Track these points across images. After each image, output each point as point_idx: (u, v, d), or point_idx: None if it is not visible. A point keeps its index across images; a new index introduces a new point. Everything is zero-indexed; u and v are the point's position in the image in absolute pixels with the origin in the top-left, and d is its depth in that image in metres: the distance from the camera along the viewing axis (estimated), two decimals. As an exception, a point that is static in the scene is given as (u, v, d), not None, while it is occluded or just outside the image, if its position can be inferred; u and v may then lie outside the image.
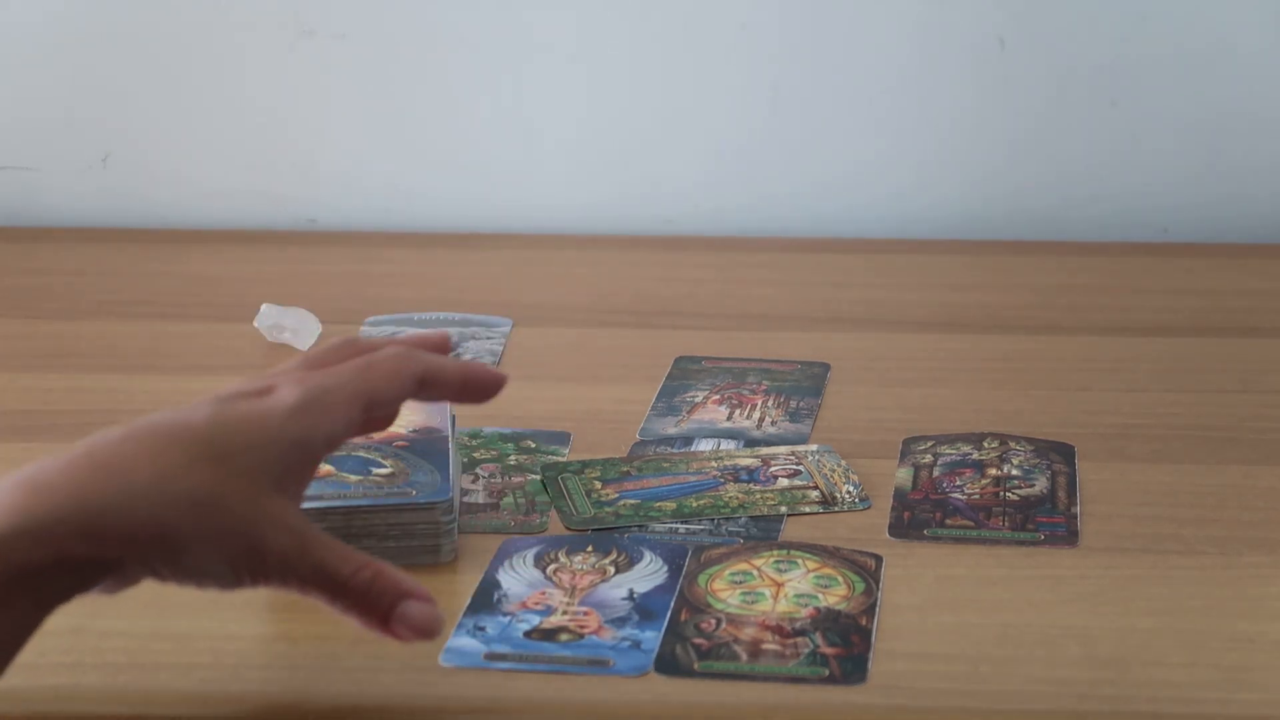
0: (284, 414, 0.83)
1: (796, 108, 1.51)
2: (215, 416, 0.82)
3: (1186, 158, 1.50)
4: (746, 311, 1.36)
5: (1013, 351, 1.28)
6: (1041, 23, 1.48)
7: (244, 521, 0.80)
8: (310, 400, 0.84)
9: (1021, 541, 1.03)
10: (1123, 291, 1.39)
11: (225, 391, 0.85)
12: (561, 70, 1.52)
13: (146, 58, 1.53)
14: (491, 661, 0.92)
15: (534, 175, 1.54)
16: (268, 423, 0.83)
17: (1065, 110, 1.50)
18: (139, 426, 0.82)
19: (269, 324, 1.29)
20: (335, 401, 0.84)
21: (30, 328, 1.34)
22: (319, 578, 0.81)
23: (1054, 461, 1.11)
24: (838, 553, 1.01)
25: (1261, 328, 1.32)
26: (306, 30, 1.51)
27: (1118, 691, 0.89)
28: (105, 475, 0.79)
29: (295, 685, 0.90)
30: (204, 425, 0.82)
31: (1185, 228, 1.51)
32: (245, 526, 0.80)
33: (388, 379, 0.86)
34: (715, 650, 0.92)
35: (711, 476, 1.10)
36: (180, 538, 0.79)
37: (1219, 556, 1.01)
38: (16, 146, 1.56)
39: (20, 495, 0.78)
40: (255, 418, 0.83)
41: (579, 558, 1.01)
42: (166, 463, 0.80)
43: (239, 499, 0.80)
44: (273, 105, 1.54)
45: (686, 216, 1.53)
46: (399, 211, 1.54)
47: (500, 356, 1.28)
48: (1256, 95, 1.48)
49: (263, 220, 1.54)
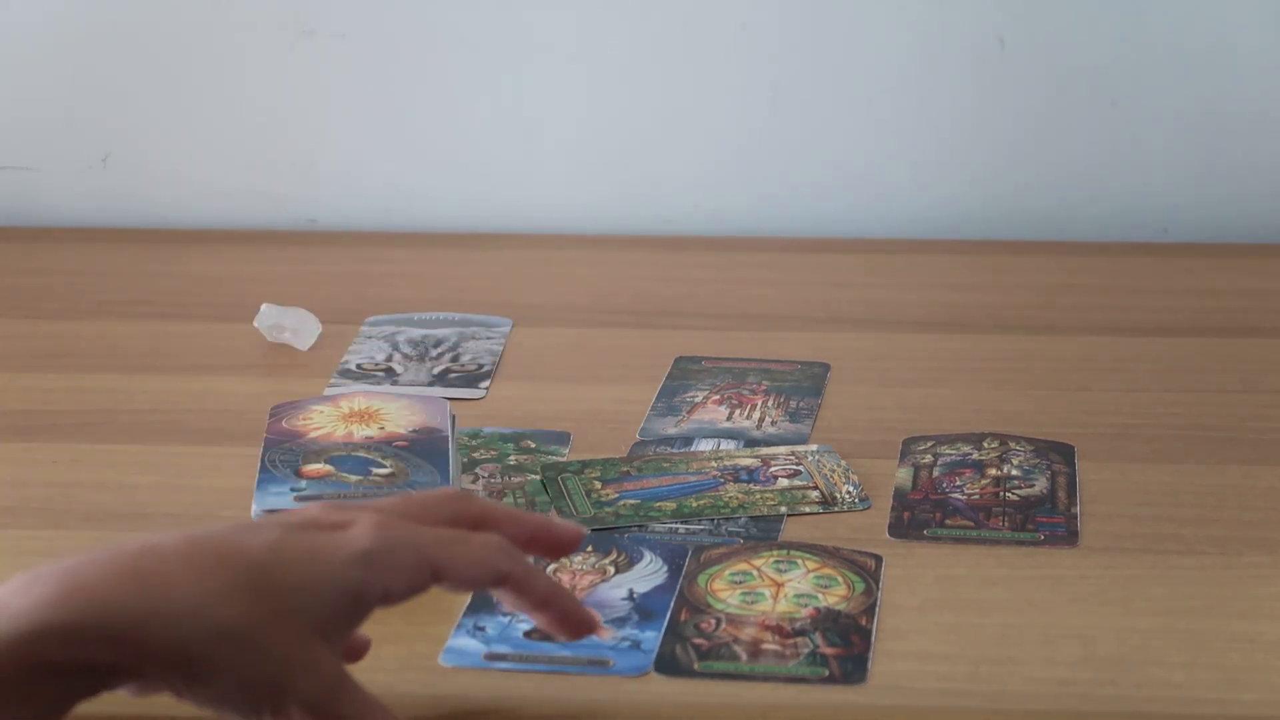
0: (347, 559, 0.79)
1: (796, 108, 1.51)
2: (275, 545, 0.79)
3: (1186, 158, 1.50)
4: (746, 311, 1.36)
5: (1013, 351, 1.28)
6: (1041, 23, 1.48)
7: (274, 661, 0.78)
8: (380, 552, 0.80)
9: (1021, 541, 1.03)
10: (1123, 291, 1.39)
11: (299, 517, 0.82)
12: (561, 70, 1.52)
13: (146, 58, 1.53)
14: (491, 661, 0.92)
15: (534, 175, 1.54)
16: (328, 563, 0.79)
17: (1065, 110, 1.50)
18: (196, 539, 0.79)
19: (269, 324, 1.29)
20: (405, 563, 0.80)
21: (30, 328, 1.34)
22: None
23: (1054, 461, 1.11)
24: (838, 553, 1.01)
25: (1261, 328, 1.31)
26: (306, 30, 1.51)
27: (1118, 691, 0.89)
28: (144, 588, 0.77)
29: (295, 685, 0.90)
30: (260, 553, 0.79)
31: (1185, 228, 1.51)
32: (274, 666, 0.78)
33: (469, 565, 0.81)
34: (715, 650, 0.92)
35: (711, 476, 1.10)
36: (206, 666, 0.77)
37: (1219, 556, 1.01)
38: (16, 146, 1.56)
39: (58, 590, 0.76)
40: (317, 554, 0.79)
41: (579, 558, 1.01)
42: (209, 587, 0.77)
43: (276, 639, 0.78)
44: (273, 105, 1.54)
45: (686, 216, 1.53)
46: (399, 211, 1.54)
47: (500, 356, 1.28)
48: (1256, 95, 1.48)
49: (263, 220, 1.54)
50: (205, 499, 1.08)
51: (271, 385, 1.23)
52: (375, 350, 1.29)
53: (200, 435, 1.17)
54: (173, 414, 1.20)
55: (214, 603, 0.77)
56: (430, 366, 1.26)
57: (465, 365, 1.27)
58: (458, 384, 1.24)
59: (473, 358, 1.28)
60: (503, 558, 0.82)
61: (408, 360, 1.27)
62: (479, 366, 1.27)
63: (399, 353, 1.28)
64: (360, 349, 1.29)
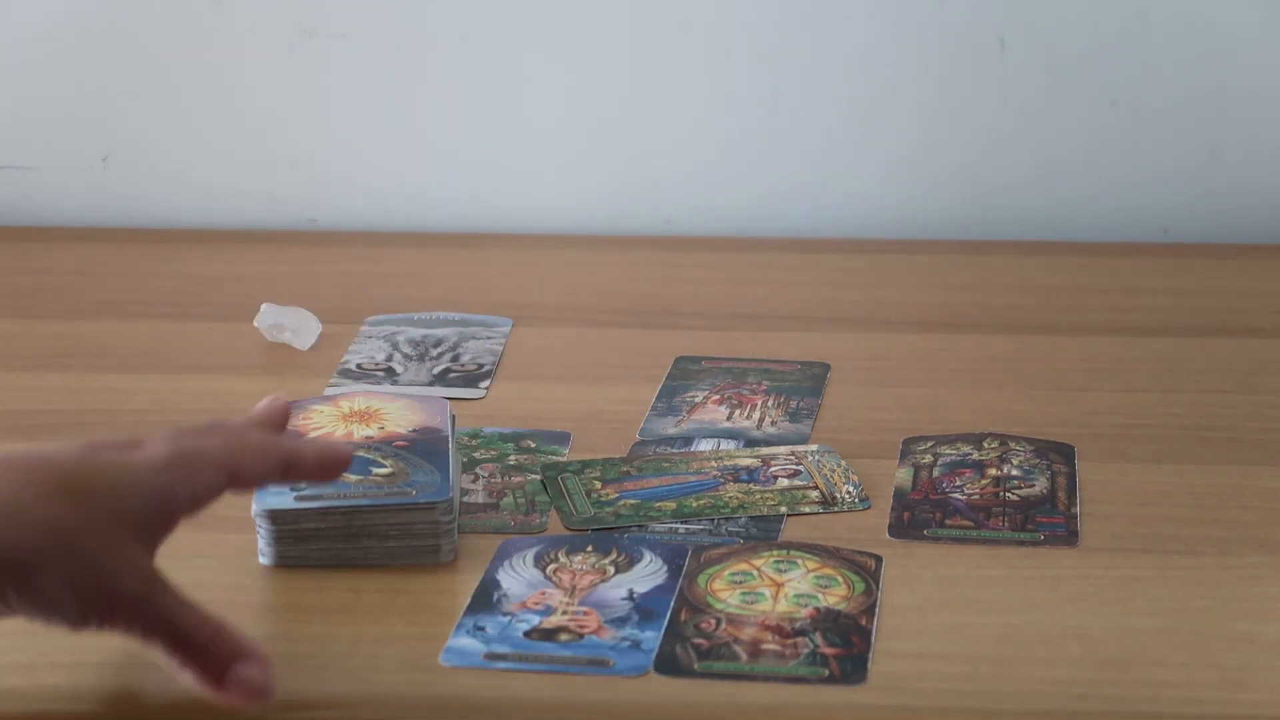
0: (150, 466, 0.86)
1: (797, 108, 1.51)
2: (83, 457, 0.85)
3: (1186, 157, 1.50)
4: (746, 311, 1.36)
5: (1013, 351, 1.28)
6: (1041, 23, 1.48)
7: (98, 558, 0.82)
8: (177, 459, 0.87)
9: (1021, 541, 1.03)
10: (1123, 291, 1.39)
11: (96, 441, 0.87)
12: (561, 70, 1.52)
13: (146, 58, 1.53)
14: (491, 661, 0.92)
15: (534, 175, 1.54)
16: (133, 472, 0.85)
17: (1065, 109, 1.50)
18: (5, 457, 0.84)
19: (269, 324, 1.29)
20: (201, 465, 0.87)
21: (30, 328, 1.34)
22: (164, 627, 0.83)
23: (1054, 461, 1.11)
24: (838, 553, 1.01)
25: (1261, 328, 1.31)
26: (306, 30, 1.51)
27: (1118, 691, 0.89)
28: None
29: (295, 685, 0.90)
30: (70, 463, 0.84)
31: (1185, 228, 1.51)
32: (99, 563, 0.82)
33: (255, 456, 0.90)
34: (715, 650, 0.92)
35: (711, 476, 1.10)
36: (33, 563, 0.80)
37: (1219, 556, 1.01)
38: (16, 146, 1.56)
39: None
40: (122, 465, 0.85)
41: (579, 558, 1.01)
42: (28, 492, 0.82)
43: (95, 536, 0.82)
44: (273, 105, 1.54)
45: (686, 216, 1.53)
46: (399, 211, 1.54)
47: (500, 356, 1.28)
48: (1257, 95, 1.48)
49: (263, 220, 1.54)
50: (205, 499, 1.08)
51: (271, 385, 1.23)
52: (375, 350, 1.29)
53: (200, 435, 1.17)
54: (173, 414, 1.20)
55: (35, 504, 0.82)
56: (430, 366, 1.26)
57: (465, 365, 1.27)
58: (458, 384, 1.24)
59: (473, 358, 1.28)
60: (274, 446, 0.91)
61: (408, 360, 1.27)
62: (479, 366, 1.27)
63: (399, 353, 1.28)
64: (360, 349, 1.29)
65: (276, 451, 0.91)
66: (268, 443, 0.91)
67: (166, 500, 0.86)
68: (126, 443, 0.87)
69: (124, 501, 0.84)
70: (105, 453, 0.86)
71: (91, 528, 0.82)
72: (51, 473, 0.83)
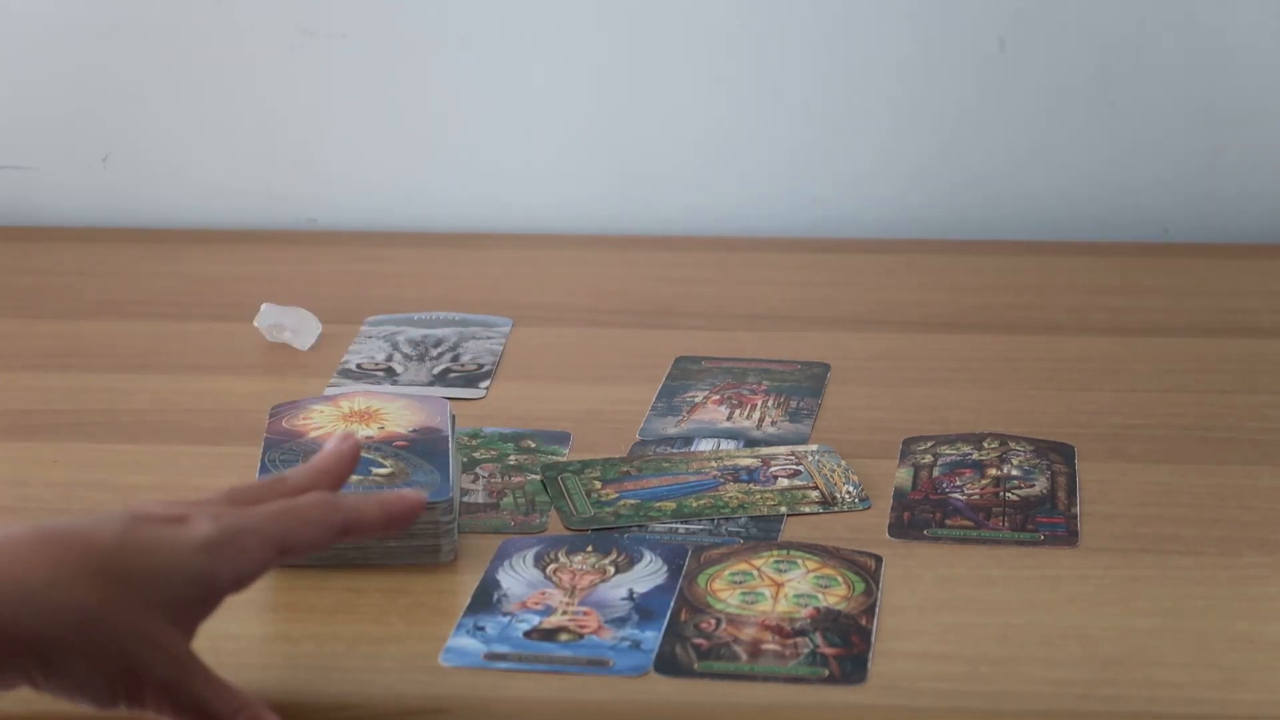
0: (192, 547, 0.83)
1: (797, 108, 1.51)
2: (122, 535, 0.82)
3: (1186, 158, 1.50)
4: (746, 311, 1.36)
5: (1013, 351, 1.28)
6: (1041, 23, 1.48)
7: (127, 642, 0.80)
8: (224, 537, 0.83)
9: (1021, 541, 1.03)
10: (1123, 291, 1.39)
11: (140, 510, 0.84)
12: (562, 70, 1.52)
13: (147, 57, 1.53)
14: (491, 661, 0.92)
15: (534, 175, 1.54)
16: (175, 553, 0.82)
17: (1065, 111, 1.50)
18: (45, 529, 0.82)
19: (269, 324, 1.29)
20: (248, 544, 0.84)
21: (30, 328, 1.34)
22: (196, 711, 0.81)
23: (1054, 461, 1.11)
24: (838, 553, 1.01)
25: (1261, 328, 1.31)
26: (306, 30, 1.51)
27: (1118, 691, 0.89)
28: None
29: (295, 685, 0.90)
30: (108, 541, 0.82)
31: (1185, 228, 1.51)
32: (126, 648, 0.80)
33: (306, 526, 0.86)
34: (715, 650, 0.92)
35: (711, 476, 1.10)
36: (60, 649, 0.79)
37: (1219, 556, 1.01)
38: (16, 146, 1.56)
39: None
40: (162, 545, 0.82)
41: (579, 558, 1.01)
42: (61, 571, 0.80)
43: (126, 620, 0.80)
44: (273, 105, 1.54)
45: (686, 216, 1.53)
46: (399, 211, 1.54)
47: (500, 356, 1.28)
48: (1256, 96, 1.48)
49: (263, 220, 1.54)
50: (205, 499, 1.08)
51: (271, 385, 1.23)
52: (375, 350, 1.29)
53: (200, 435, 1.17)
54: (173, 414, 1.20)
55: (66, 586, 0.79)
56: (430, 366, 1.26)
57: (465, 365, 1.27)
58: (458, 384, 1.24)
59: (473, 358, 1.28)
60: (330, 511, 0.87)
61: (408, 360, 1.27)
62: (479, 366, 1.27)
63: (399, 353, 1.28)
64: (360, 349, 1.29)
65: (334, 518, 0.87)
66: (323, 509, 0.87)
67: (209, 582, 0.83)
68: (172, 515, 0.84)
69: (161, 585, 0.81)
70: (147, 528, 0.83)
71: (122, 612, 0.80)
72: (87, 553, 0.81)
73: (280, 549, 0.85)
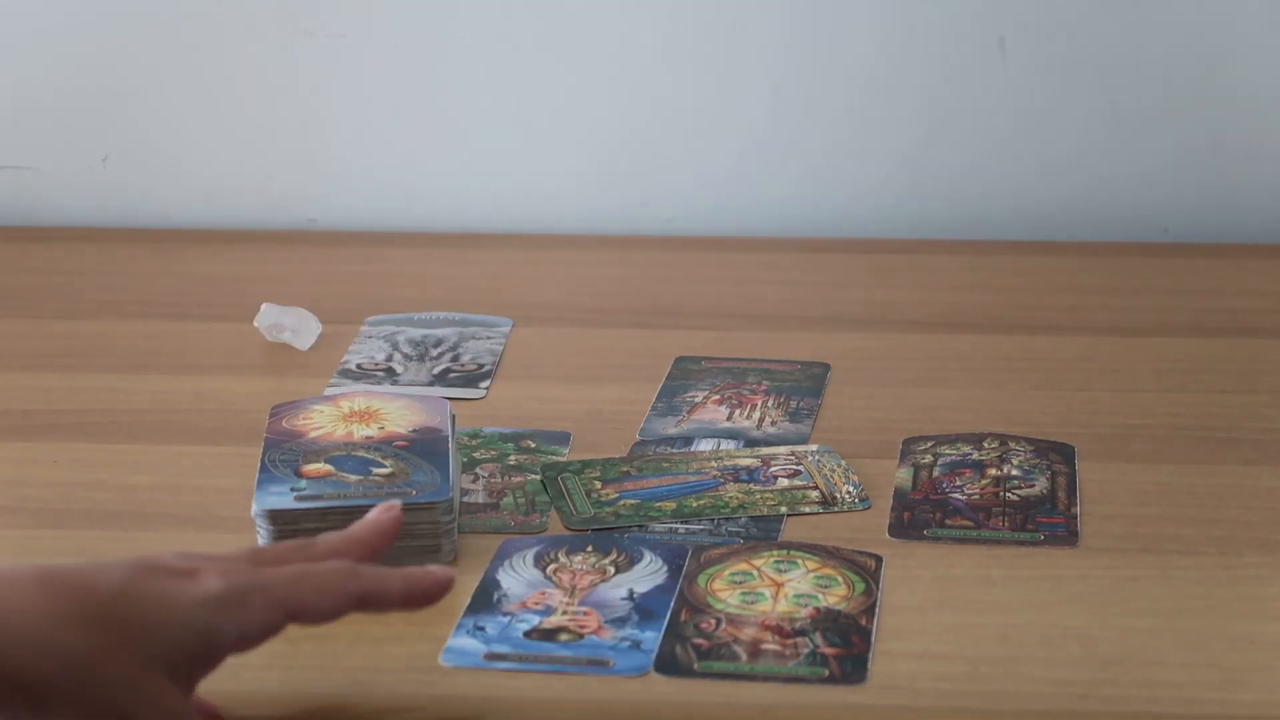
0: (196, 603, 0.81)
1: (797, 108, 1.51)
2: (125, 583, 0.80)
3: (1186, 157, 1.50)
4: (746, 311, 1.36)
5: (1013, 351, 1.28)
6: (1041, 23, 1.48)
7: (119, 693, 0.79)
8: (230, 595, 0.82)
9: (1021, 541, 1.03)
10: (1123, 291, 1.39)
11: (151, 560, 0.83)
12: (562, 70, 1.52)
13: (146, 58, 1.53)
14: (491, 661, 0.92)
15: (534, 175, 1.54)
16: (178, 607, 0.81)
17: (1065, 110, 1.50)
18: (50, 570, 0.80)
19: (269, 324, 1.29)
20: (255, 605, 0.82)
21: (30, 328, 1.34)
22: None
23: (1054, 461, 1.11)
24: (838, 553, 1.01)
25: (1261, 328, 1.31)
26: (306, 30, 1.51)
27: (1118, 691, 0.89)
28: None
29: (295, 685, 0.90)
30: (110, 588, 0.80)
31: (1185, 228, 1.51)
32: (118, 698, 0.78)
33: (321, 593, 0.84)
34: (715, 650, 0.92)
35: (711, 476, 1.10)
36: (50, 694, 0.78)
37: (1219, 556, 1.01)
38: (16, 146, 1.56)
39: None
40: (167, 596, 0.81)
41: (579, 558, 1.01)
42: (59, 616, 0.78)
43: (120, 670, 0.79)
44: (273, 105, 1.54)
45: (686, 216, 1.53)
46: (399, 211, 1.54)
47: (500, 356, 1.28)
48: (1257, 95, 1.48)
49: (263, 220, 1.54)
50: (205, 499, 1.09)
51: (271, 385, 1.23)
52: (375, 350, 1.29)
53: (200, 435, 1.17)
54: (173, 414, 1.20)
55: (62, 631, 0.78)
56: (430, 366, 1.26)
57: (465, 365, 1.27)
58: (458, 384, 1.24)
59: (473, 358, 1.28)
60: (348, 579, 0.84)
61: (408, 360, 1.27)
62: (479, 366, 1.27)
63: (399, 353, 1.28)
64: (360, 349, 1.29)
65: (351, 587, 0.84)
66: (340, 577, 0.85)
67: (210, 640, 0.81)
68: (182, 569, 0.82)
69: (160, 639, 0.80)
70: (153, 579, 0.81)
71: (115, 663, 0.78)
72: (87, 598, 0.79)
73: (290, 613, 0.83)
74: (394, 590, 0.86)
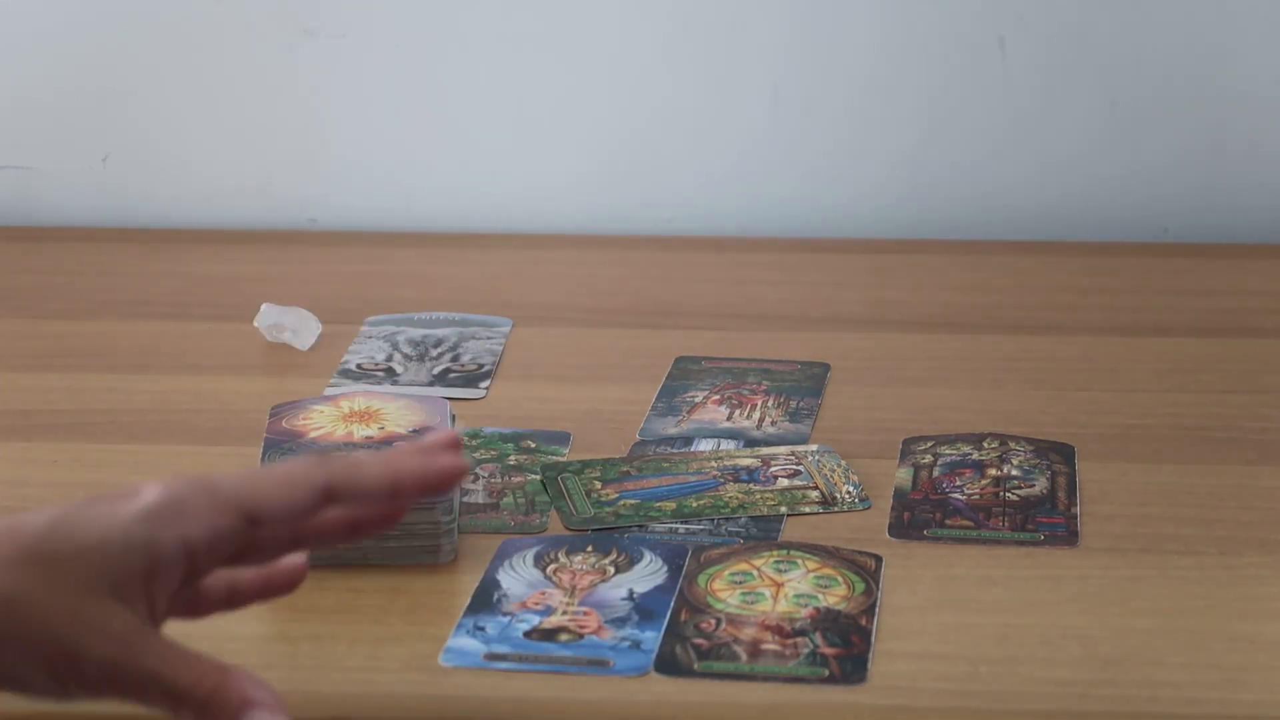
0: (131, 517, 0.77)
1: (797, 108, 1.51)
2: (57, 517, 0.78)
3: (1186, 158, 1.50)
4: (746, 311, 1.36)
5: (1013, 351, 1.28)
6: (1041, 23, 1.48)
7: (58, 626, 0.76)
8: (167, 504, 0.78)
9: (1021, 542, 1.03)
10: (1123, 291, 1.39)
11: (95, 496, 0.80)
12: (561, 70, 1.52)
13: (146, 58, 1.53)
14: (491, 661, 0.92)
15: (534, 175, 1.54)
16: (110, 525, 0.77)
17: (1065, 109, 1.50)
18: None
19: (269, 324, 1.29)
20: (198, 507, 0.78)
21: (30, 328, 1.34)
22: (154, 688, 0.76)
23: (1054, 461, 1.11)
24: (838, 553, 1.01)
25: (1261, 328, 1.31)
26: (306, 30, 1.51)
27: (1118, 691, 0.89)
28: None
29: (295, 685, 0.90)
30: (41, 525, 0.77)
31: (1185, 228, 1.51)
32: (59, 632, 0.76)
33: (279, 486, 0.78)
34: (715, 650, 0.92)
35: (711, 476, 1.10)
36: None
37: (1219, 556, 1.01)
38: (16, 146, 1.56)
39: None
40: (99, 520, 0.77)
41: (579, 558, 1.01)
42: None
43: (55, 604, 0.76)
44: (273, 105, 1.54)
45: (686, 216, 1.53)
46: (399, 211, 1.54)
47: (500, 356, 1.28)
48: (1257, 96, 1.48)
49: (263, 220, 1.54)
50: (205, 499, 1.08)
51: (271, 385, 1.23)
52: (375, 350, 1.29)
53: (200, 435, 1.17)
54: (172, 414, 1.20)
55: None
56: (430, 366, 1.26)
57: (465, 365, 1.27)
58: (458, 384, 1.24)
59: (473, 358, 1.28)
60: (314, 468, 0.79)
61: (408, 360, 1.27)
62: (479, 366, 1.27)
63: (399, 353, 1.28)
64: (360, 349, 1.29)
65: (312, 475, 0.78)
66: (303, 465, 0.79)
67: (150, 551, 0.77)
68: (123, 491, 0.79)
69: (93, 564, 0.76)
70: (85, 509, 0.78)
71: (51, 596, 0.76)
72: (20, 539, 0.77)
73: (244, 512, 0.78)
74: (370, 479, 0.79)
